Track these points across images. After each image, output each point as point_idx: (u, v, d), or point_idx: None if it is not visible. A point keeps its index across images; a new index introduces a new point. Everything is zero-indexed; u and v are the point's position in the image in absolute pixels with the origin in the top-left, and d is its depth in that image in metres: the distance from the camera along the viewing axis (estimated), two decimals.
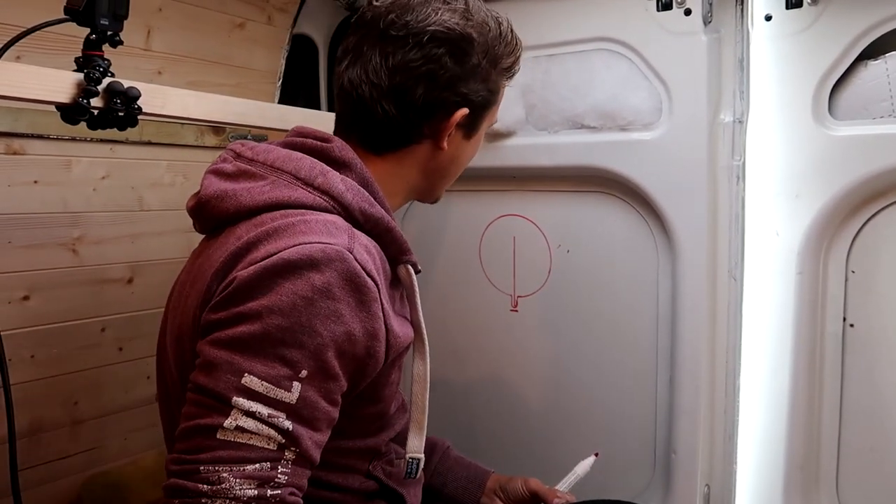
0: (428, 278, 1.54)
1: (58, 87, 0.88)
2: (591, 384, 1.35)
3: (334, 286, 0.75)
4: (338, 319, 0.75)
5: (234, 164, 0.87)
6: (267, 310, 0.73)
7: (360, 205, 0.84)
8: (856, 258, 1.12)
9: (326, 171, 0.85)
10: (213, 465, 0.70)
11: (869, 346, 1.12)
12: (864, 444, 1.13)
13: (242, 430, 0.71)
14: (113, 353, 1.35)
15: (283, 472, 0.72)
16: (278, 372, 0.72)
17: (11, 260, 1.17)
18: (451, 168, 0.97)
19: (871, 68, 1.07)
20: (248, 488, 0.70)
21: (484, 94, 0.91)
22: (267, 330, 0.72)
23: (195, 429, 0.72)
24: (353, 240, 0.79)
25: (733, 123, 1.16)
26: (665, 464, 1.26)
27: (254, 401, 0.71)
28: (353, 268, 0.76)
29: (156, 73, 1.32)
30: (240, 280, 0.75)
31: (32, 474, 1.24)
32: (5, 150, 1.14)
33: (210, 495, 0.69)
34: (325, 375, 0.75)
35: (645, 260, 1.27)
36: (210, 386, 0.72)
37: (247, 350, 0.72)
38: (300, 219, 0.79)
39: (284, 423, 0.72)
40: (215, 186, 0.86)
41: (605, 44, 1.25)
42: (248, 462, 0.70)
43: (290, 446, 0.73)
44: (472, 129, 0.94)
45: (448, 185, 1.00)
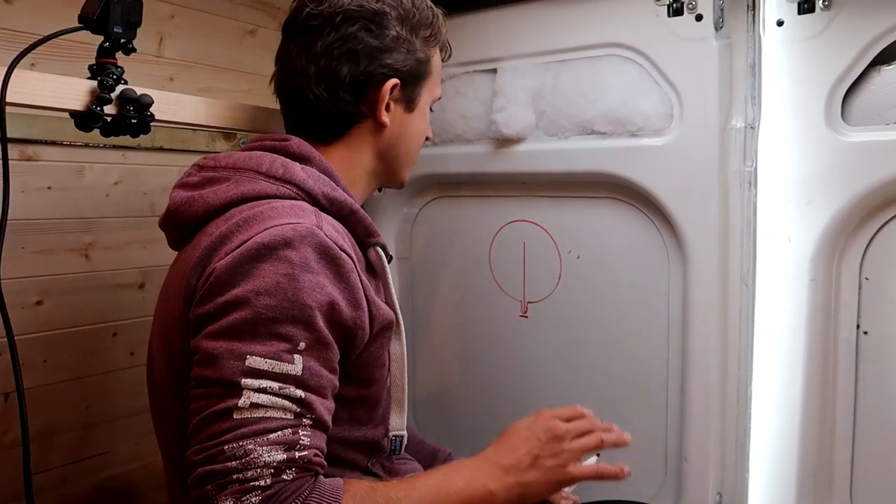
0: (438, 284, 1.54)
1: (72, 94, 0.90)
2: (601, 390, 1.35)
3: (311, 260, 0.78)
4: (321, 290, 0.78)
5: (198, 176, 0.91)
6: (254, 293, 0.75)
7: (322, 189, 0.88)
8: (869, 265, 1.11)
9: (287, 163, 0.88)
10: (237, 441, 0.71)
11: (883, 354, 1.11)
12: (878, 452, 1.12)
13: (257, 406, 0.72)
14: (124, 358, 1.36)
15: (304, 434, 0.74)
16: (277, 348, 0.74)
17: (25, 265, 1.18)
18: (400, 146, 0.99)
19: (885, 74, 1.06)
20: (276, 453, 0.71)
21: (411, 63, 0.95)
22: (258, 312, 0.74)
23: (210, 417, 0.73)
24: (320, 219, 0.83)
25: (745, 129, 1.15)
26: (676, 471, 1.25)
27: (262, 378, 0.73)
28: (325, 241, 0.80)
29: (168, 79, 1.33)
30: (219, 270, 0.77)
31: (44, 478, 1.25)
32: (19, 157, 1.16)
33: (240, 469, 0.70)
34: (322, 344, 0.78)
35: (655, 266, 1.27)
36: (216, 376, 0.73)
37: (243, 335, 0.74)
38: (268, 206, 0.83)
39: (297, 392, 0.74)
40: (182, 196, 0.89)
41: (616, 49, 1.24)
42: (270, 431, 0.72)
43: (305, 414, 0.75)
44: (410, 102, 0.98)
45: (408, 165, 1.04)
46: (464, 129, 1.41)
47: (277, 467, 0.71)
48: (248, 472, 0.70)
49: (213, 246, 0.80)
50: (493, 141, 1.38)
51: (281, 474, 0.71)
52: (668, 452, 1.27)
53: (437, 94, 1.04)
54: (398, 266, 1.57)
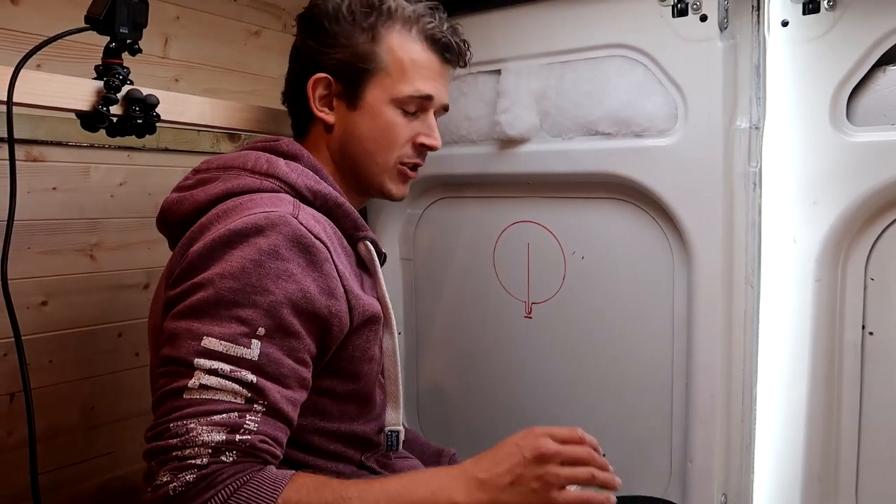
0: (442, 284, 1.54)
1: (78, 95, 0.90)
2: (605, 391, 1.34)
3: (281, 247, 0.78)
4: (289, 278, 0.78)
5: (193, 179, 0.93)
6: (218, 276, 0.76)
7: (306, 182, 0.89)
8: (875, 265, 1.11)
9: (272, 159, 0.90)
10: (181, 420, 0.72)
11: (888, 355, 1.11)
12: (884, 454, 1.12)
13: (206, 388, 0.73)
14: (129, 359, 1.36)
15: (252, 420, 0.73)
16: (234, 330, 0.75)
17: (30, 265, 1.19)
18: (351, 147, 0.97)
19: (890, 74, 1.06)
20: (215, 434, 0.71)
21: (345, 57, 0.94)
22: (219, 294, 0.75)
23: (163, 395, 0.74)
24: (297, 208, 0.84)
25: (749, 129, 1.15)
26: (681, 473, 1.25)
27: (214, 360, 0.73)
28: (298, 230, 0.80)
29: (173, 80, 1.33)
30: (192, 254, 0.79)
31: (49, 478, 1.25)
32: (25, 157, 1.16)
33: (180, 446, 0.71)
34: (286, 333, 0.77)
35: (660, 267, 1.27)
36: (174, 354, 0.75)
37: (203, 315, 0.75)
38: (248, 198, 0.84)
39: (248, 376, 0.74)
40: (173, 197, 0.92)
41: (620, 50, 1.24)
42: (216, 413, 0.72)
43: (257, 399, 0.74)
44: (352, 98, 0.96)
45: (379, 172, 0.99)
46: (468, 130, 1.41)
47: (216, 448, 0.71)
48: (187, 450, 0.70)
49: (192, 235, 0.83)
50: (497, 142, 1.38)
51: (220, 455, 0.71)
52: (673, 454, 1.27)
53: (403, 91, 0.96)
54: (402, 267, 1.57)
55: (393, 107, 0.96)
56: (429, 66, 0.98)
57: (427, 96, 0.98)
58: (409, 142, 0.99)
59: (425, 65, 0.97)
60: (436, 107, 1.01)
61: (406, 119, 0.98)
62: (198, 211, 0.87)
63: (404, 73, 0.96)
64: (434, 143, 1.01)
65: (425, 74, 0.97)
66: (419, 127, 0.99)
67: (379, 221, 1.54)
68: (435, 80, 0.99)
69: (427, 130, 1.00)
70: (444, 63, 1.00)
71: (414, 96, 0.97)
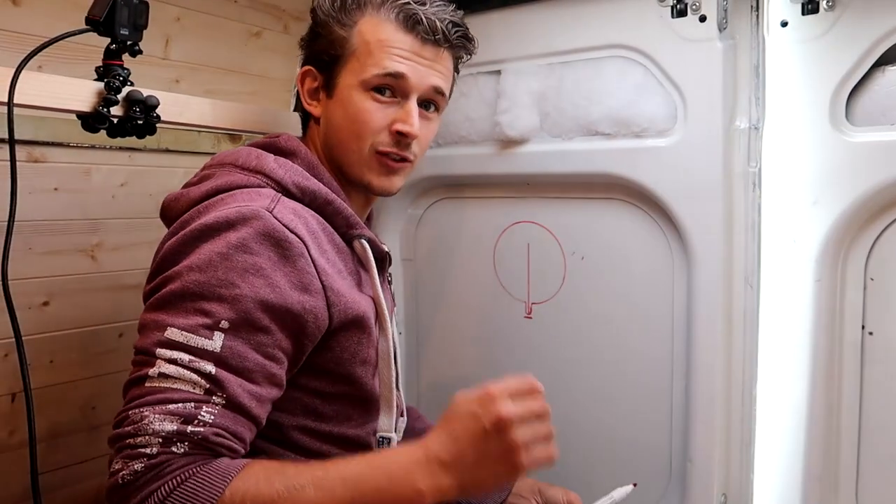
0: (442, 285, 1.54)
1: (78, 95, 0.91)
2: (605, 391, 1.35)
3: (250, 241, 0.78)
4: (257, 272, 0.77)
5: (199, 175, 0.94)
6: (186, 269, 0.77)
7: (294, 178, 0.88)
8: (874, 265, 1.11)
9: (261, 155, 0.90)
10: (138, 408, 0.72)
11: (888, 355, 1.10)
12: (885, 455, 1.12)
13: (165, 377, 0.73)
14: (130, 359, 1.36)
15: (208, 411, 0.73)
16: (196, 321, 0.75)
17: (32, 266, 1.19)
18: (329, 136, 0.97)
19: (889, 74, 1.06)
20: (167, 423, 0.71)
21: (324, 45, 0.96)
22: (185, 286, 0.76)
23: (128, 384, 0.76)
24: (275, 202, 0.83)
25: (749, 130, 1.15)
26: (681, 473, 1.25)
27: (175, 350, 0.74)
28: (271, 224, 0.79)
29: (174, 81, 1.33)
30: (165, 250, 0.81)
31: (51, 478, 1.26)
32: (27, 158, 1.16)
33: (132, 434, 0.71)
34: (252, 327, 0.77)
35: (660, 267, 1.27)
36: (140, 345, 0.77)
37: (169, 307, 0.76)
38: (228, 195, 0.85)
39: (207, 367, 0.73)
40: (177, 192, 0.93)
41: (620, 51, 1.24)
42: (171, 402, 0.72)
43: (216, 391, 0.73)
44: (329, 87, 0.96)
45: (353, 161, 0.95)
46: (468, 131, 1.42)
47: (166, 437, 0.70)
48: (139, 438, 0.70)
49: (172, 231, 0.84)
50: (497, 142, 1.38)
51: (170, 445, 0.70)
52: (673, 454, 1.27)
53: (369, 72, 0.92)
54: (403, 267, 1.57)
55: (362, 91, 0.93)
56: (401, 45, 0.93)
57: (396, 73, 0.92)
58: (384, 129, 0.94)
59: (397, 44, 0.92)
60: (418, 90, 0.94)
61: (379, 104, 0.93)
62: (191, 207, 0.87)
63: (370, 54, 0.92)
64: (405, 129, 0.93)
65: (396, 53, 0.92)
66: (396, 113, 0.94)
67: (379, 221, 1.54)
68: (410, 60, 0.93)
69: (404, 116, 0.94)
70: (423, 42, 0.94)
71: (379, 74, 0.92)
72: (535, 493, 1.11)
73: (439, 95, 0.99)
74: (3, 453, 1.18)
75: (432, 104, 0.99)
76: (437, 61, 0.96)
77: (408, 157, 0.96)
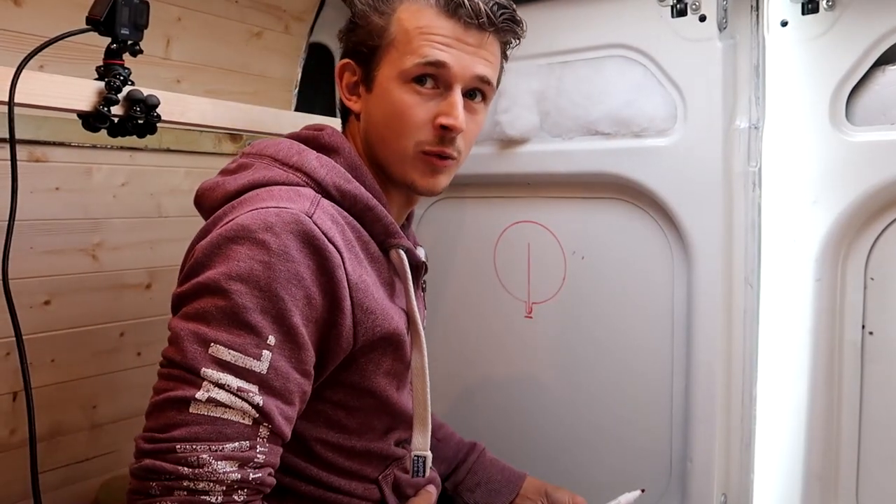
0: (443, 284, 1.55)
1: (79, 95, 0.91)
2: (605, 391, 1.35)
3: (292, 248, 0.73)
4: (299, 283, 0.73)
5: (237, 162, 0.89)
6: (226, 277, 0.71)
7: (335, 180, 0.83)
8: (874, 265, 1.11)
9: (302, 151, 0.85)
10: (190, 443, 0.68)
11: (888, 354, 1.10)
12: (885, 454, 1.12)
13: (216, 404, 0.69)
14: (131, 358, 1.36)
15: (260, 451, 0.71)
16: (245, 340, 0.71)
17: (33, 265, 1.19)
18: (370, 132, 0.90)
19: (889, 73, 1.06)
20: (230, 471, 0.68)
21: (363, 37, 0.89)
22: (228, 298, 0.71)
23: (166, 402, 0.70)
24: (315, 206, 0.78)
25: (749, 129, 1.15)
26: (681, 472, 1.25)
27: (223, 371, 0.70)
28: (311, 230, 0.74)
29: (175, 81, 1.34)
30: (198, 250, 0.75)
31: (51, 477, 1.26)
32: (28, 158, 1.17)
33: (192, 478, 0.67)
34: (294, 344, 0.73)
35: (660, 267, 1.27)
36: (178, 358, 0.71)
37: (212, 320, 0.71)
38: (265, 191, 0.80)
39: (255, 398, 0.70)
40: (213, 180, 0.88)
41: (620, 50, 1.25)
42: (227, 440, 0.69)
43: (262, 422, 0.71)
44: (369, 81, 0.89)
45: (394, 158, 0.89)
46: None
47: (230, 486, 0.68)
48: (200, 484, 0.67)
49: (206, 227, 0.79)
50: (497, 142, 1.38)
51: (232, 494, 0.69)
52: (673, 453, 1.27)
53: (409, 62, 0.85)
54: None
55: (401, 83, 0.86)
56: (442, 31, 0.85)
57: (437, 62, 0.84)
58: (427, 124, 0.86)
59: (438, 30, 0.85)
60: (462, 79, 0.86)
61: (420, 97, 0.86)
62: (226, 200, 0.83)
63: (410, 42, 0.85)
64: (449, 122, 0.85)
65: (437, 40, 0.85)
66: (438, 106, 0.86)
67: None
68: (452, 47, 0.85)
69: (447, 108, 0.85)
70: (466, 28, 0.85)
71: (419, 64, 0.84)
72: (542, 494, 1.10)
73: (486, 84, 0.90)
74: (4, 452, 1.18)
75: (479, 93, 0.90)
76: (482, 47, 0.88)
77: (452, 154, 0.89)
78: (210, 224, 0.80)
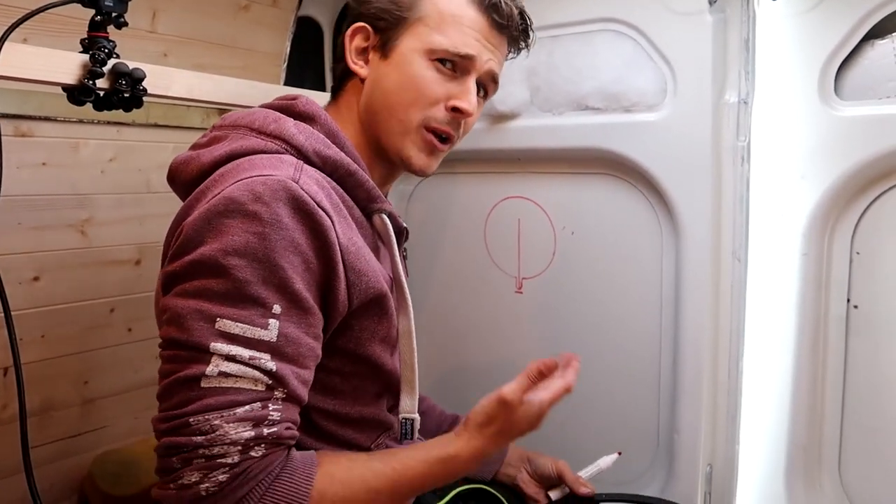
0: (433, 261, 1.55)
1: (63, 68, 0.90)
2: (594, 365, 1.36)
3: (283, 216, 0.73)
4: (295, 249, 0.74)
5: (209, 136, 0.88)
6: (222, 253, 0.71)
7: (315, 146, 0.83)
8: (861, 239, 1.12)
9: (279, 118, 0.85)
10: (202, 414, 0.69)
11: (873, 328, 1.12)
12: (867, 425, 1.14)
13: (226, 375, 0.70)
14: (122, 334, 1.37)
15: (275, 409, 0.71)
16: (250, 312, 0.71)
17: (21, 241, 1.19)
18: (375, 99, 0.90)
19: (878, 48, 1.06)
20: (243, 430, 0.69)
21: (382, 4, 0.89)
22: (229, 273, 0.71)
23: (176, 382, 0.70)
24: (299, 171, 0.78)
25: (738, 104, 1.15)
26: (668, 444, 1.27)
27: (232, 343, 0.70)
28: (300, 195, 0.74)
29: (161, 55, 1.32)
30: (188, 227, 0.74)
31: (44, 452, 1.27)
32: (14, 133, 1.15)
33: (206, 445, 0.68)
34: (300, 308, 0.74)
35: (649, 241, 1.27)
36: (184, 338, 0.71)
37: (214, 296, 0.71)
38: (247, 161, 0.79)
39: (268, 364, 0.71)
40: (183, 156, 0.87)
41: (610, 24, 1.24)
42: (238, 405, 0.70)
43: (277, 387, 0.72)
44: (385, 48, 0.89)
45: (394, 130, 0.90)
46: None
47: (245, 444, 0.69)
48: (215, 448, 0.68)
49: (190, 203, 0.78)
50: (488, 117, 1.38)
51: (249, 451, 0.70)
52: (660, 426, 1.29)
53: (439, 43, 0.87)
54: None
55: (425, 58, 0.87)
56: (471, 25, 0.88)
57: (466, 55, 0.87)
58: (439, 103, 0.88)
59: (468, 22, 0.88)
60: (480, 71, 0.90)
61: (440, 76, 0.88)
62: (202, 173, 0.82)
63: (442, 24, 0.87)
64: (462, 105, 0.88)
65: (467, 32, 0.87)
66: (455, 89, 0.89)
67: None
68: (478, 42, 0.88)
69: (461, 93, 0.89)
70: (491, 27, 0.89)
71: (450, 51, 0.87)
72: (524, 461, 1.12)
73: (492, 83, 0.94)
74: None
75: (484, 89, 0.94)
76: (498, 48, 0.92)
77: (453, 136, 0.92)
78: (193, 199, 0.78)
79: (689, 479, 1.22)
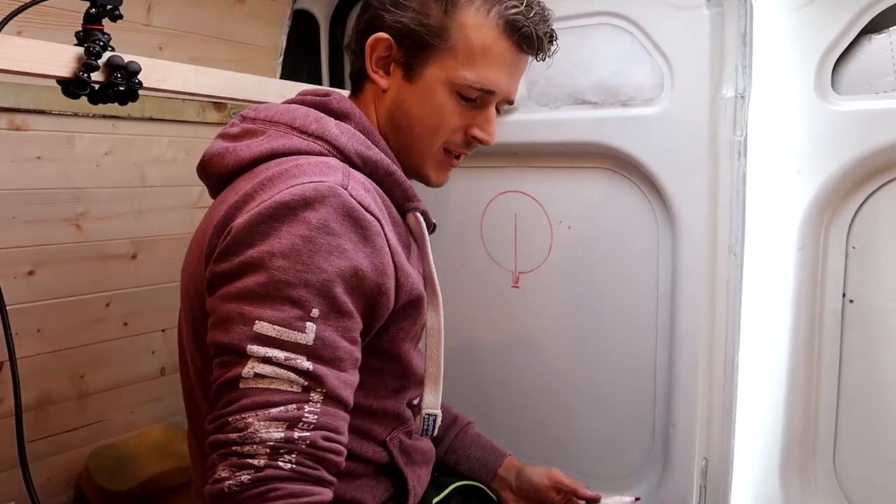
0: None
1: (58, 60, 0.89)
2: (590, 359, 1.36)
3: (332, 221, 0.74)
4: (341, 255, 0.74)
5: (240, 126, 0.88)
6: (268, 254, 0.72)
7: (357, 147, 0.84)
8: (856, 234, 1.12)
9: (321, 118, 0.85)
10: (239, 413, 0.69)
11: (868, 322, 1.12)
12: (862, 419, 1.14)
13: (261, 377, 0.70)
14: (118, 328, 1.36)
15: (311, 411, 0.71)
16: (288, 314, 0.71)
17: (16, 235, 1.19)
18: (398, 119, 0.90)
19: (875, 42, 1.06)
20: (274, 430, 0.69)
21: (413, 24, 0.86)
22: (271, 274, 0.72)
23: (220, 387, 0.72)
24: (347, 177, 0.79)
25: (735, 98, 1.15)
26: (663, 438, 1.27)
27: (268, 346, 0.70)
28: (349, 202, 0.75)
29: (157, 48, 1.32)
30: (237, 228, 0.75)
31: (40, 446, 1.27)
32: (8, 126, 1.15)
33: (239, 442, 0.69)
34: (339, 313, 0.74)
35: (645, 236, 1.27)
36: (226, 341, 0.72)
37: (255, 298, 0.72)
38: (293, 164, 0.79)
39: (304, 364, 0.71)
40: (219, 146, 0.87)
41: (608, 18, 1.24)
42: (272, 406, 0.70)
43: (315, 387, 0.71)
44: (410, 69, 0.88)
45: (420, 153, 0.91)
46: None
47: (274, 447, 0.69)
48: (245, 447, 0.68)
49: (237, 204, 0.78)
50: None
51: (277, 457, 0.69)
52: (656, 419, 1.29)
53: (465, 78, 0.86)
54: None
55: (449, 90, 0.87)
56: (500, 57, 0.87)
57: (489, 91, 0.88)
58: (460, 130, 0.90)
59: (496, 55, 0.87)
60: (499, 98, 0.91)
61: (461, 106, 0.89)
62: (239, 168, 0.83)
63: (471, 59, 0.86)
64: (486, 139, 0.91)
65: (494, 66, 0.87)
66: (474, 117, 0.90)
67: None
68: (504, 73, 0.88)
69: (482, 123, 0.91)
70: (518, 53, 0.89)
71: (475, 87, 0.87)
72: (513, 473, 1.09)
73: (508, 104, 0.96)
74: None
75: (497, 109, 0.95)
76: (522, 69, 0.93)
77: (467, 154, 0.95)
78: (241, 202, 0.78)
79: (685, 473, 1.23)
